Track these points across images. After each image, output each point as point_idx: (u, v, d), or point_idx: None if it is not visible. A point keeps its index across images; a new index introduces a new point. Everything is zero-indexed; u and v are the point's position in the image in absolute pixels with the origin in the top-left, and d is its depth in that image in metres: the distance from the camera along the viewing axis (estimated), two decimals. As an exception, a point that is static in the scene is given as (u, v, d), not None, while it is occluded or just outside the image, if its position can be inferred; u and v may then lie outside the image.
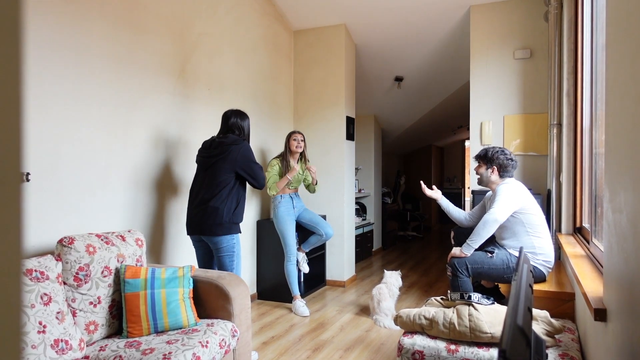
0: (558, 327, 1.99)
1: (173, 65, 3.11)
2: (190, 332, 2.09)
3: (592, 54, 2.61)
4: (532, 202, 2.73)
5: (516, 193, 2.71)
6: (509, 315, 0.89)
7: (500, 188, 2.74)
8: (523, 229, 2.68)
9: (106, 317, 2.10)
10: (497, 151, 2.83)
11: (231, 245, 2.75)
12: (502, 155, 2.81)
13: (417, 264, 5.96)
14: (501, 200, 2.67)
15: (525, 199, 2.71)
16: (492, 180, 2.85)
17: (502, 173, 2.82)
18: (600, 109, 2.36)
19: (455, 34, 4.60)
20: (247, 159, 2.81)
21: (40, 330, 1.73)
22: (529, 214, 2.67)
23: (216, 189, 2.75)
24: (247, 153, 2.82)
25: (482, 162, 2.90)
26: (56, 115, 2.27)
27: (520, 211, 2.67)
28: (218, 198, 2.73)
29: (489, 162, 2.85)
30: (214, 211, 2.71)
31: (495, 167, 2.82)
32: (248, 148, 2.83)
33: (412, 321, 2.13)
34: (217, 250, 2.76)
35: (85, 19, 2.43)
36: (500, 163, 2.81)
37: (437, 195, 3.15)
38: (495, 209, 2.64)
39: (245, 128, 2.95)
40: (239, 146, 2.80)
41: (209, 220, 2.71)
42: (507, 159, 2.80)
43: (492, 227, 2.63)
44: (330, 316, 3.68)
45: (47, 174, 2.22)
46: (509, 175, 2.83)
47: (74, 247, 2.01)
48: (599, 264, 2.09)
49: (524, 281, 1.18)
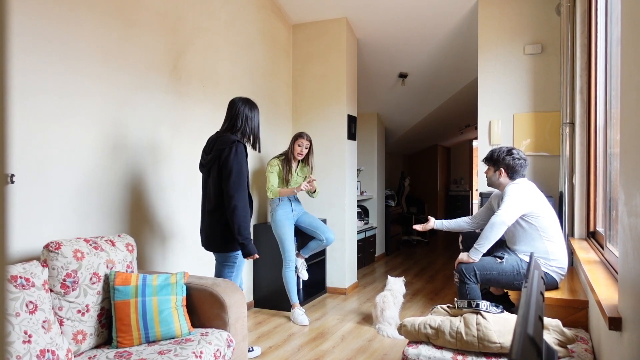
0: (571, 336, 1.99)
1: (165, 61, 3.11)
2: (183, 342, 2.08)
3: (606, 49, 2.62)
4: (544, 204, 2.72)
5: (525, 194, 2.69)
6: (519, 324, 0.88)
7: (509, 189, 2.73)
8: (536, 233, 2.67)
9: (95, 327, 2.10)
10: (503, 152, 2.81)
11: (234, 257, 2.72)
12: (508, 157, 2.79)
13: (423, 270, 5.95)
14: (509, 202, 2.66)
15: (536, 200, 2.70)
16: (502, 183, 2.84)
17: (511, 174, 2.80)
18: (615, 107, 2.36)
19: (462, 27, 4.61)
20: (228, 167, 2.51)
21: (26, 340, 1.73)
22: (541, 217, 2.67)
23: (214, 201, 2.63)
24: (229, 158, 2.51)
25: (489, 164, 2.89)
26: (42, 113, 2.27)
27: (531, 214, 2.67)
28: (217, 212, 2.63)
29: (495, 165, 2.84)
30: (214, 226, 2.64)
31: (502, 169, 2.81)
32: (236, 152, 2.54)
33: (417, 330, 2.13)
34: (220, 258, 2.78)
35: (73, 10, 2.43)
36: (507, 164, 2.79)
37: (431, 225, 3.12)
38: (503, 211, 2.64)
39: (252, 120, 2.70)
40: (225, 151, 2.56)
41: (211, 235, 2.67)
42: (515, 159, 2.78)
43: (499, 230, 2.63)
44: (330, 325, 3.67)
45: (32, 175, 2.22)
46: (520, 176, 2.81)
47: (61, 252, 2.01)
48: (613, 270, 2.09)
49: (535, 288, 1.18)
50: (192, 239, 3.38)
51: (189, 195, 3.35)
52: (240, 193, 2.54)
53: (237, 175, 2.54)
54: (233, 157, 2.54)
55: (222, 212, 2.61)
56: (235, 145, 2.58)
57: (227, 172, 2.54)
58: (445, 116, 7.69)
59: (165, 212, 3.13)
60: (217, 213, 2.64)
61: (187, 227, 3.33)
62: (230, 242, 2.65)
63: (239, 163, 2.55)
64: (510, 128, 4.04)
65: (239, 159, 2.55)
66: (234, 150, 2.56)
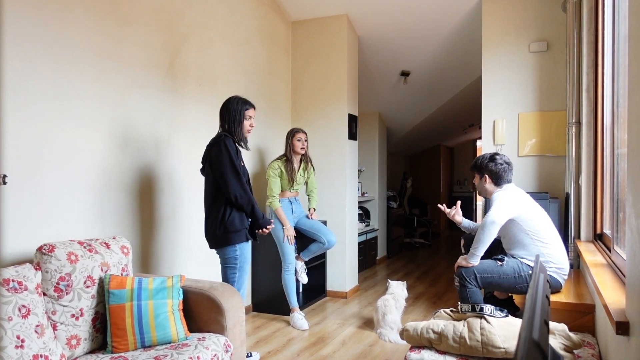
0: (577, 341, 1.99)
1: (161, 59, 3.12)
2: (179, 347, 2.09)
3: (613, 46, 2.62)
4: (533, 208, 2.76)
5: (512, 198, 2.74)
6: (524, 328, 0.89)
7: (495, 195, 2.79)
8: (527, 237, 2.70)
9: (89, 331, 2.10)
10: (486, 158, 2.87)
11: (233, 257, 2.77)
12: (491, 163, 2.84)
13: (425, 273, 5.96)
14: (497, 204, 2.71)
15: (524, 204, 2.75)
16: (488, 190, 2.88)
17: (496, 181, 2.85)
18: (623, 106, 2.36)
19: (466, 24, 4.61)
20: (217, 162, 2.69)
21: (18, 345, 1.73)
22: (529, 221, 2.70)
23: (208, 198, 2.81)
24: (217, 153, 2.68)
25: (475, 172, 2.95)
26: (36, 112, 2.27)
27: (520, 218, 2.70)
28: (210, 207, 2.78)
29: (480, 172, 2.90)
30: (208, 222, 2.79)
31: (486, 176, 2.86)
32: (220, 147, 2.69)
33: (420, 335, 2.13)
34: (221, 259, 2.83)
35: (67, 8, 2.44)
36: (490, 170, 2.84)
37: (459, 220, 3.10)
38: (492, 211, 2.68)
39: (227, 113, 2.80)
40: (212, 145, 2.76)
41: (207, 232, 2.80)
42: (497, 164, 2.82)
43: (491, 230, 2.65)
44: (331, 330, 3.68)
45: (26, 176, 2.23)
46: (506, 181, 2.85)
47: (54, 255, 2.01)
48: (621, 273, 2.09)
49: (540, 292, 1.18)
50: (193, 240, 3.38)
51: (188, 195, 3.35)
52: (236, 181, 2.68)
53: (228, 166, 2.68)
54: (223, 152, 2.68)
55: (217, 209, 2.72)
56: (222, 140, 2.72)
57: (218, 166, 2.69)
58: (449, 115, 7.70)
59: (161, 213, 3.13)
60: (213, 210, 2.76)
61: (186, 228, 3.33)
62: (221, 238, 2.73)
63: (228, 155, 2.68)
64: (515, 127, 4.04)
65: (228, 152, 2.69)
66: (222, 144, 2.71)
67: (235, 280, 2.79)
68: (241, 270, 2.80)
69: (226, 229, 2.71)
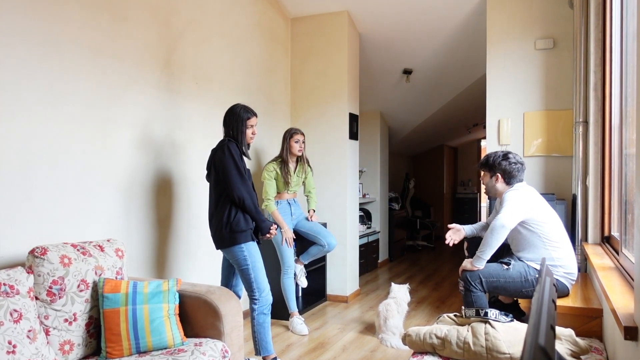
0: (584, 347, 1.99)
1: (157, 56, 3.12)
2: (176, 353, 2.09)
3: (621, 44, 2.62)
4: (545, 210, 2.75)
5: (525, 199, 2.72)
6: (529, 333, 0.89)
7: (507, 195, 2.76)
8: (538, 240, 2.69)
9: (83, 336, 2.10)
10: (499, 156, 2.85)
11: (242, 257, 2.80)
12: (504, 161, 2.83)
13: (428, 277, 5.96)
14: (508, 206, 2.69)
15: (537, 206, 2.73)
16: (499, 189, 2.87)
17: (508, 180, 2.84)
18: (631, 105, 2.36)
19: (470, 21, 4.62)
20: (222, 166, 2.75)
21: (10, 351, 1.73)
22: (542, 223, 2.69)
23: (212, 199, 2.88)
24: (222, 157, 2.76)
25: (485, 170, 2.92)
26: (27, 111, 2.28)
27: (532, 220, 2.69)
28: (215, 209, 2.83)
29: (491, 170, 2.88)
30: (213, 223, 2.84)
31: (499, 175, 2.85)
32: (224, 151, 2.76)
33: (423, 340, 2.14)
34: (234, 263, 2.86)
35: (59, 3, 2.44)
36: (503, 169, 2.83)
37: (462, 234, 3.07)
38: (502, 214, 2.66)
39: (230, 122, 2.87)
40: (216, 149, 2.83)
41: (213, 233, 2.86)
42: (511, 164, 2.81)
43: (500, 235, 2.64)
44: (331, 335, 3.68)
45: (17, 177, 2.23)
46: (518, 181, 2.84)
47: (47, 258, 2.01)
48: (629, 277, 2.09)
49: (547, 296, 1.18)
50: (194, 242, 3.38)
51: (185, 196, 3.35)
52: (241, 183, 2.75)
53: (233, 169, 2.74)
54: (227, 155, 2.75)
55: (222, 211, 2.78)
56: (226, 144, 2.79)
57: (223, 169, 2.75)
58: (452, 115, 7.70)
59: (156, 215, 3.13)
60: (219, 212, 2.80)
61: (182, 230, 3.33)
62: (227, 238, 2.78)
63: (232, 158, 2.75)
64: (521, 127, 4.04)
65: (232, 155, 2.75)
66: (225, 148, 2.76)
67: (252, 280, 2.80)
68: (255, 270, 2.81)
69: (232, 229, 2.76)
